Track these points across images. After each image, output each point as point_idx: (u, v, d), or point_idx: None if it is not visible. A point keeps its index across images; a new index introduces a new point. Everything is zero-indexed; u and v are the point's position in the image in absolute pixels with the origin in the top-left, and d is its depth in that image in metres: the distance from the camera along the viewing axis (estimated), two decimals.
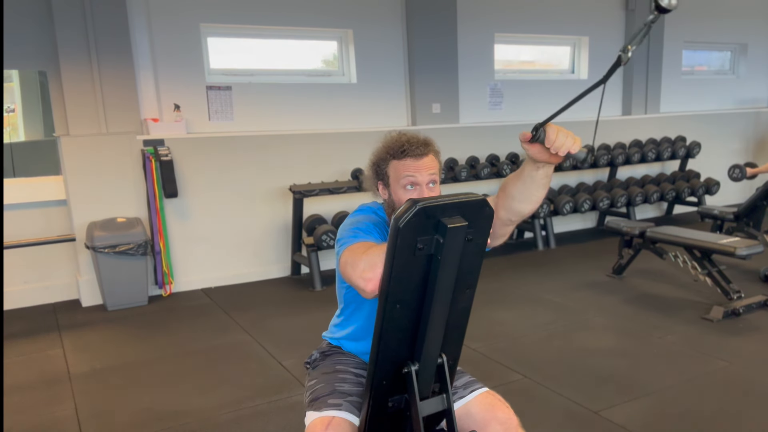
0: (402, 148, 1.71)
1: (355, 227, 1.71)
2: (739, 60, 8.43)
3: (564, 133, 1.48)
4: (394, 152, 1.73)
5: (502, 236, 1.76)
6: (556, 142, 1.48)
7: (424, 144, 1.73)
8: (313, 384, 1.81)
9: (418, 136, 1.76)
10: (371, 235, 1.69)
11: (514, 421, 1.72)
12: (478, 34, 6.30)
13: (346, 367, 1.84)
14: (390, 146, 1.75)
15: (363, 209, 1.85)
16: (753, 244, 4.05)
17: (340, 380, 1.78)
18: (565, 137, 1.48)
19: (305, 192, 5.06)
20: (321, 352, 1.94)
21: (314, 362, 1.93)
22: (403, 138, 1.74)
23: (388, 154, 1.74)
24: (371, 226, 1.73)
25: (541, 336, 3.82)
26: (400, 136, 1.76)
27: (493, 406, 1.75)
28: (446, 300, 1.48)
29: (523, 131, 1.50)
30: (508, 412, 1.74)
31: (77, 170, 4.63)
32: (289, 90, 5.50)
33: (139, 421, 2.91)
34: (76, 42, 4.56)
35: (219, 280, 5.17)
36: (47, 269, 4.81)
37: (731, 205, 5.85)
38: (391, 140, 1.76)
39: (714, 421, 2.74)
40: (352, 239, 1.65)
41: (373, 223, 1.76)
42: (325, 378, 1.80)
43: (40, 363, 3.65)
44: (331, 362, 1.87)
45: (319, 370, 1.86)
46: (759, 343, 3.60)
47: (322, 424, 1.62)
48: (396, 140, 1.75)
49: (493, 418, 1.72)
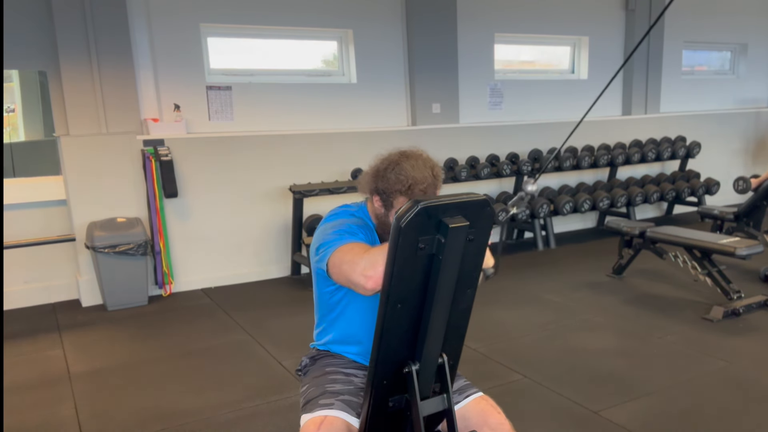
0: (414, 194, 1.69)
1: (338, 230, 1.68)
2: (739, 60, 8.43)
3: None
4: (408, 194, 1.70)
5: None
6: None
7: (434, 185, 1.73)
8: (305, 389, 1.82)
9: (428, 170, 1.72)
10: (357, 237, 1.67)
11: (506, 426, 1.73)
12: (478, 34, 6.30)
13: (336, 368, 1.85)
14: (403, 184, 1.70)
15: (339, 213, 1.81)
16: (753, 244, 4.06)
17: (330, 381, 1.79)
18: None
19: (305, 192, 5.06)
20: (310, 358, 1.95)
21: (305, 368, 1.94)
22: (415, 177, 1.70)
23: (400, 192, 1.70)
24: (355, 228, 1.71)
25: (541, 336, 3.82)
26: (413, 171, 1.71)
27: (485, 411, 1.75)
28: (447, 300, 1.49)
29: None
30: (499, 418, 1.74)
31: (77, 170, 4.62)
32: (289, 90, 5.50)
33: (139, 421, 2.91)
34: (76, 42, 4.56)
35: (219, 280, 5.17)
36: (47, 269, 4.81)
37: (731, 205, 5.85)
38: (404, 174, 1.70)
39: (714, 421, 2.75)
40: (338, 241, 1.62)
41: (357, 225, 1.74)
42: (315, 381, 1.81)
43: (40, 363, 3.65)
44: (321, 365, 1.88)
45: (310, 375, 1.87)
46: (759, 343, 3.60)
47: (315, 424, 1.63)
48: (409, 179, 1.70)
49: (484, 424, 1.73)
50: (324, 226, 1.74)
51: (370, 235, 1.77)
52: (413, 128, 5.94)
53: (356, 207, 1.86)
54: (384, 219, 1.77)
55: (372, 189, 1.78)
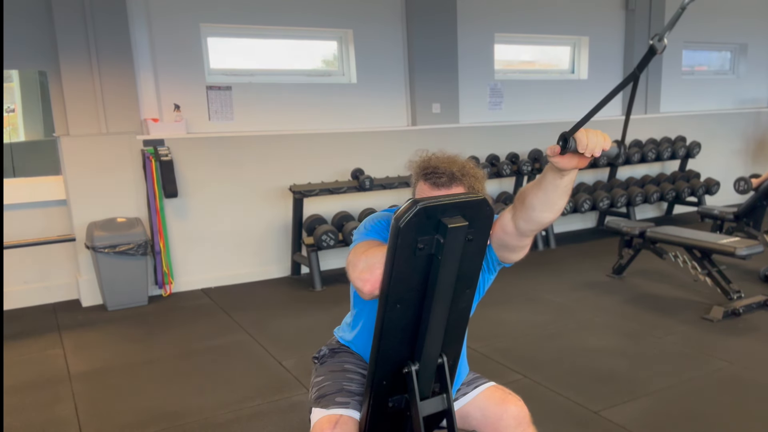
0: (425, 172, 1.71)
1: (370, 224, 1.72)
2: (739, 60, 8.43)
3: (593, 133, 1.41)
4: (422, 173, 1.72)
5: (522, 248, 1.68)
6: (589, 144, 1.40)
7: (449, 176, 1.67)
8: (320, 380, 1.80)
9: (450, 165, 1.70)
10: (381, 235, 1.68)
11: (527, 415, 1.73)
12: (478, 34, 6.30)
13: (355, 368, 1.83)
14: (422, 165, 1.73)
15: (382, 211, 1.86)
16: (753, 244, 4.06)
17: (348, 379, 1.78)
18: (596, 137, 1.41)
19: (305, 192, 5.06)
20: (330, 349, 1.93)
21: (322, 358, 1.92)
22: (432, 163, 1.71)
23: (419, 171, 1.73)
24: (384, 224, 1.72)
25: (541, 336, 3.82)
26: (433, 160, 1.73)
27: (505, 400, 1.76)
28: (446, 300, 1.49)
29: (550, 146, 1.43)
30: (520, 405, 1.75)
31: (77, 170, 4.63)
32: (289, 90, 5.50)
33: (139, 421, 2.91)
34: (76, 42, 4.56)
35: (219, 280, 5.17)
36: (47, 269, 4.81)
37: (731, 205, 5.84)
38: (428, 159, 1.74)
39: (714, 421, 2.74)
40: (362, 237, 1.66)
41: (386, 221, 1.75)
42: (333, 376, 1.80)
43: (40, 363, 3.65)
44: (340, 360, 1.87)
45: (327, 367, 1.85)
46: (759, 343, 3.60)
47: (330, 423, 1.62)
48: (427, 163, 1.72)
49: (504, 412, 1.73)
50: (363, 221, 1.78)
51: None
52: (413, 128, 5.94)
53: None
54: None
55: (411, 182, 1.81)
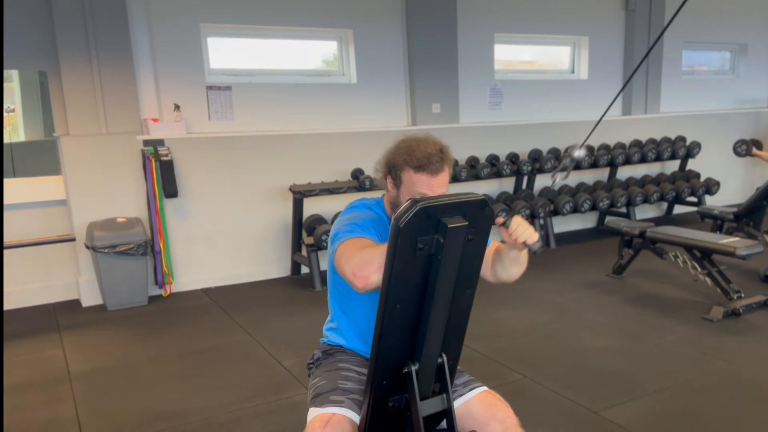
0: (420, 163, 1.72)
1: (352, 222, 1.73)
2: (739, 60, 8.43)
3: (526, 225, 1.62)
4: (413, 164, 1.73)
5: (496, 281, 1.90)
6: (517, 230, 1.61)
7: (440, 159, 1.74)
8: (316, 381, 1.81)
9: (436, 148, 1.76)
10: (368, 231, 1.71)
11: (514, 420, 1.73)
12: (477, 34, 6.30)
13: (349, 365, 1.84)
14: (410, 155, 1.74)
15: (358, 205, 1.87)
16: (753, 244, 4.06)
17: (343, 378, 1.78)
18: (524, 230, 1.61)
19: (305, 192, 5.06)
20: (323, 351, 1.94)
21: (317, 361, 1.93)
22: (422, 150, 1.74)
23: (407, 162, 1.74)
24: (368, 222, 1.75)
25: (541, 336, 3.82)
26: (419, 145, 1.75)
27: (493, 405, 1.76)
28: (446, 300, 1.49)
29: (497, 216, 1.61)
30: (507, 411, 1.75)
31: (77, 170, 4.62)
32: (289, 90, 5.50)
33: (139, 421, 2.91)
34: (76, 42, 4.56)
35: (219, 280, 5.17)
36: (47, 269, 4.80)
37: (731, 205, 5.85)
38: (411, 149, 1.75)
39: (714, 421, 2.75)
40: (348, 233, 1.67)
41: (370, 219, 1.78)
42: (328, 375, 1.80)
43: (40, 363, 3.65)
44: (334, 360, 1.88)
45: (322, 368, 1.86)
46: (759, 343, 3.60)
47: (322, 421, 1.62)
48: (416, 151, 1.74)
49: (492, 417, 1.73)
50: (342, 217, 1.79)
51: (383, 231, 1.79)
52: (413, 128, 5.94)
53: (373, 201, 1.91)
54: (397, 202, 1.80)
55: (384, 172, 1.83)
